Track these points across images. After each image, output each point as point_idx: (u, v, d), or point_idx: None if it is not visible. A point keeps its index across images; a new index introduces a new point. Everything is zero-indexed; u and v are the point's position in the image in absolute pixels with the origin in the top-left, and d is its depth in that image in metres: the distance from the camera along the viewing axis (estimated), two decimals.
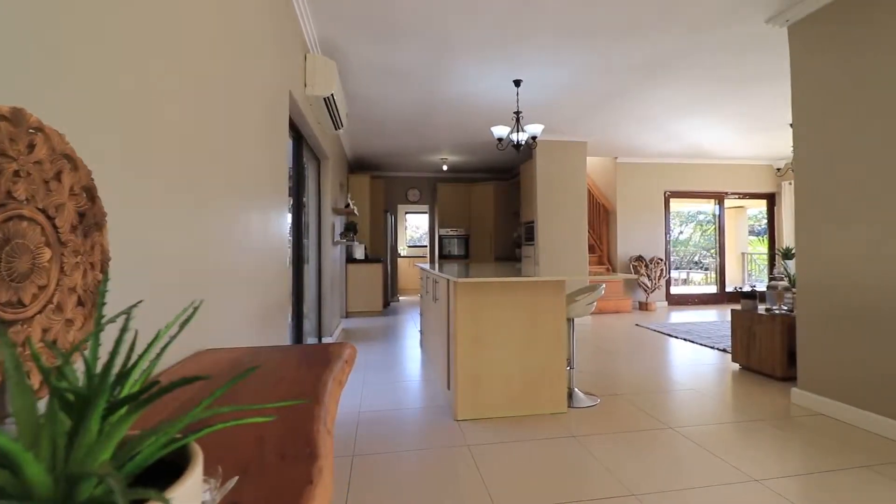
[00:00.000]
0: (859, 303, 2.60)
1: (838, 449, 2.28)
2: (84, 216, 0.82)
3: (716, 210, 8.35)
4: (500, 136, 4.21)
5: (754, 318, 3.59)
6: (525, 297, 2.77)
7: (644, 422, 2.65)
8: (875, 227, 2.53)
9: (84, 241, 0.83)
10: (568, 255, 6.13)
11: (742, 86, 4.39)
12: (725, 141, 6.70)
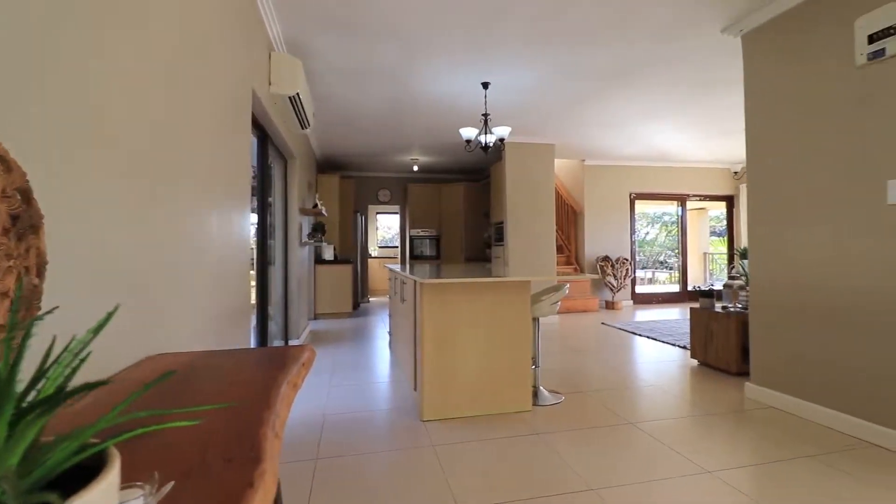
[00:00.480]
0: (806, 301, 2.74)
1: (787, 440, 2.40)
2: (18, 218, 0.79)
3: (678, 211, 8.63)
4: (468, 138, 4.24)
5: (711, 316, 3.74)
6: (491, 297, 2.80)
7: (606, 418, 2.72)
8: (820, 228, 2.67)
9: (18, 244, 0.80)
10: (536, 256, 6.23)
11: (701, 92, 4.56)
12: (687, 145, 6.94)
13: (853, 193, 2.50)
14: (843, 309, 2.54)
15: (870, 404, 2.39)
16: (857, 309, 2.47)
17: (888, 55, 2.35)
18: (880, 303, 2.36)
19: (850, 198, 2.51)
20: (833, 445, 2.33)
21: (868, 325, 2.41)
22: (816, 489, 1.91)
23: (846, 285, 2.52)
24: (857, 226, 2.48)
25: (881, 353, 2.34)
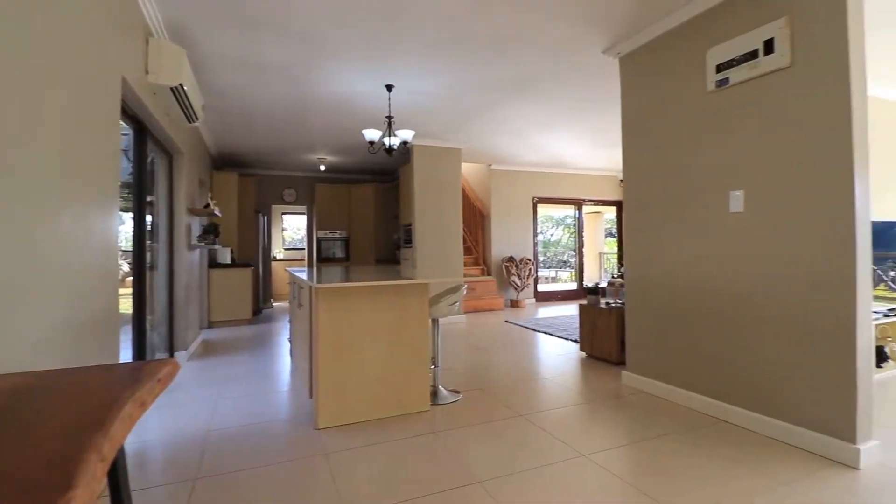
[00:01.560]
0: (668, 297, 3.10)
1: (653, 421, 2.69)
2: None
3: (576, 215, 9.30)
4: (371, 140, 4.20)
5: (596, 312, 4.08)
6: (388, 299, 2.80)
7: (499, 412, 2.85)
8: (679, 233, 3.04)
9: None
10: (444, 257, 6.35)
11: (589, 106, 4.95)
12: (582, 154, 7.50)
13: (705, 202, 2.87)
14: (697, 303, 2.90)
15: (719, 386, 2.76)
16: (707, 303, 2.84)
17: (731, 83, 2.73)
18: (725, 298, 2.73)
19: (702, 206, 2.88)
20: (692, 423, 2.65)
21: (716, 317, 2.78)
22: (673, 463, 2.17)
23: (699, 283, 2.89)
24: (707, 230, 2.85)
25: (726, 342, 2.72)
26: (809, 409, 2.30)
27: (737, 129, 2.69)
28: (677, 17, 3.01)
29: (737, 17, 2.68)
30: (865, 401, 2.16)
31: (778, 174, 2.47)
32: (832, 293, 2.22)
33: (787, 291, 2.41)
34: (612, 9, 2.97)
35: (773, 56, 2.50)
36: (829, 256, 2.24)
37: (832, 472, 2.07)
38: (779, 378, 2.44)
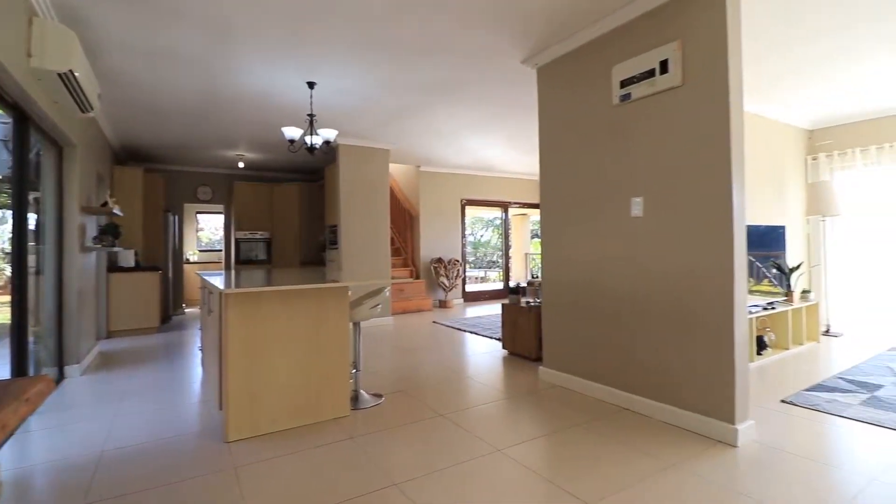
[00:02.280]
0: (578, 295, 3.30)
1: (564, 413, 2.85)
2: None
3: (503, 216, 9.61)
4: (291, 138, 4.06)
5: (517, 311, 4.24)
6: (306, 304, 2.72)
7: (420, 413, 2.87)
8: (587, 236, 3.24)
9: None
10: (371, 259, 6.28)
11: (509, 113, 5.13)
12: (508, 158, 7.76)
13: (611, 207, 3.09)
14: (603, 301, 3.12)
15: (623, 377, 2.98)
16: (612, 301, 3.06)
17: (633, 98, 2.96)
18: (628, 296, 2.96)
19: (609, 210, 3.10)
20: (598, 413, 2.84)
21: (620, 313, 3.00)
22: (578, 452, 2.31)
23: (605, 282, 3.11)
24: (613, 233, 3.07)
25: (628, 336, 2.95)
26: (697, 395, 2.56)
27: (638, 140, 2.92)
28: (587, 35, 3.21)
29: (637, 38, 2.91)
30: (742, 386, 2.44)
31: (671, 182, 2.72)
32: (714, 290, 2.49)
33: (679, 289, 2.66)
34: (528, 23, 3.11)
35: (667, 75, 2.75)
36: (712, 257, 2.50)
37: (715, 450, 2.32)
38: (672, 368, 2.69)
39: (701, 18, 2.56)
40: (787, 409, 2.91)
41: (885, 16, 3.07)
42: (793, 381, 3.45)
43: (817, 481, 2.02)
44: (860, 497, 1.89)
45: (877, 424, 2.64)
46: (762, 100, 4.90)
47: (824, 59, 3.77)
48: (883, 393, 3.16)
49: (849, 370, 3.73)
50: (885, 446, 2.36)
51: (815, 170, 5.82)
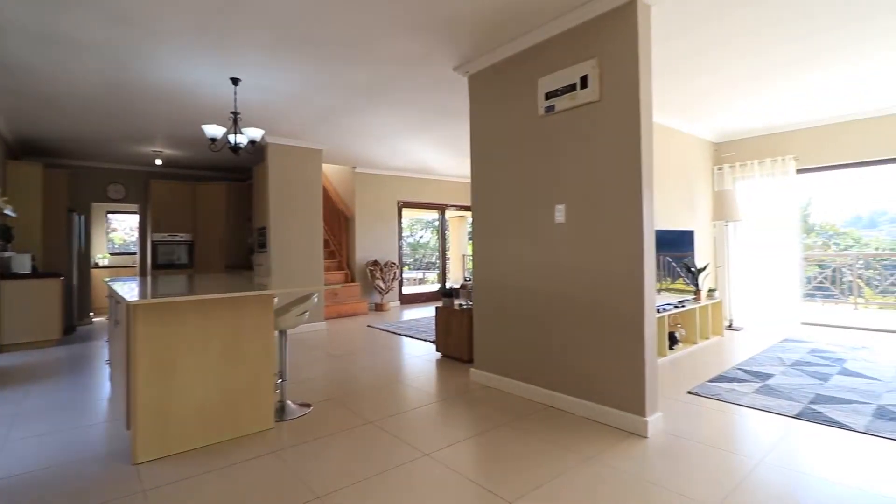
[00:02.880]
0: (506, 298, 3.40)
1: (493, 414, 2.93)
2: None
3: (439, 219, 9.68)
4: (212, 136, 3.85)
5: (451, 313, 4.30)
6: (225, 313, 2.58)
7: (349, 421, 2.83)
8: (515, 241, 3.35)
9: None
10: (303, 263, 6.09)
11: (447, 117, 5.19)
12: (444, 162, 7.83)
13: (537, 213, 3.21)
14: (530, 303, 3.24)
15: (548, 376, 3.11)
16: (538, 303, 3.18)
17: (557, 110, 3.09)
18: (552, 298, 3.09)
19: (535, 217, 3.22)
20: (525, 412, 2.94)
21: (544, 315, 3.13)
22: (504, 451, 2.38)
23: (532, 285, 3.23)
24: (538, 238, 3.19)
25: (553, 336, 3.08)
26: (612, 391, 2.73)
27: (561, 150, 3.06)
28: (513, 47, 3.32)
29: (560, 54, 3.06)
30: (652, 380, 2.63)
31: (591, 191, 2.88)
32: (627, 291, 2.66)
33: (597, 291, 2.82)
34: (455, 33, 3.16)
35: (587, 90, 2.91)
36: (625, 260, 2.68)
37: (628, 442, 2.48)
38: (590, 365, 2.84)
39: (615, 40, 2.73)
40: (692, 399, 3.17)
41: (774, 48, 3.45)
42: (699, 373, 3.76)
43: (715, 465, 2.22)
44: (749, 478, 2.10)
45: (766, 410, 2.95)
46: (676, 115, 5.32)
47: (725, 82, 4.16)
48: (773, 381, 3.53)
49: (746, 361, 4.13)
50: (772, 430, 2.64)
51: (720, 179, 6.41)
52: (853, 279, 8.97)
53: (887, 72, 4.03)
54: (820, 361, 4.06)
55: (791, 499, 1.93)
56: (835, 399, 3.10)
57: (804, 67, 3.89)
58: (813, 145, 5.70)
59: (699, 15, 3.00)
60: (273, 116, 4.98)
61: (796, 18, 3.06)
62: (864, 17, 3.05)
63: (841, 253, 10.81)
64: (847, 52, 3.59)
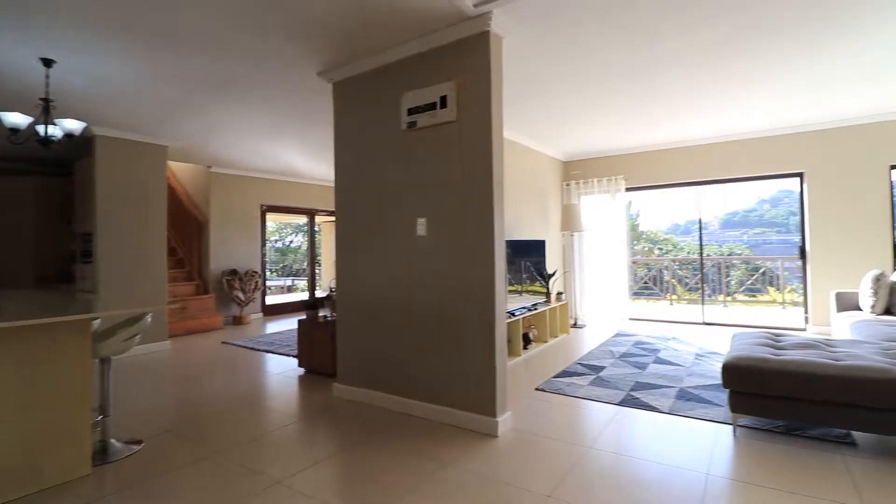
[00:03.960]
0: (368, 309, 3.39)
1: (354, 429, 2.88)
2: None
3: (309, 224, 9.28)
4: (14, 126, 3.17)
5: (315, 325, 4.13)
6: (22, 344, 2.14)
7: (188, 455, 2.54)
8: (377, 252, 3.36)
9: None
10: (141, 275, 5.32)
11: (313, 122, 4.99)
12: (315, 165, 7.51)
13: (400, 226, 3.25)
14: (389, 313, 3.27)
15: (407, 385, 3.16)
16: (399, 314, 3.22)
17: (419, 126, 3.18)
18: (413, 308, 3.16)
19: (398, 229, 3.26)
20: (386, 424, 2.95)
21: (406, 325, 3.18)
22: (363, 466, 2.36)
23: (394, 296, 3.26)
24: (401, 251, 3.24)
25: (415, 346, 3.14)
26: (468, 395, 2.88)
27: (423, 165, 3.15)
28: (380, 60, 3.33)
29: (423, 72, 3.15)
30: (501, 382, 2.83)
31: (448, 205, 3.01)
32: (480, 300, 2.84)
33: (455, 300, 2.96)
34: (318, 39, 3.06)
35: (446, 110, 3.04)
36: (479, 271, 2.85)
37: (482, 443, 2.64)
38: (449, 372, 2.97)
39: (471, 66, 2.91)
40: (539, 395, 3.50)
41: (596, 87, 4.00)
42: (547, 370, 4.17)
43: (553, 455, 2.48)
44: (579, 463, 2.38)
45: (597, 400, 3.38)
46: (532, 136, 5.86)
47: (571, 112, 4.71)
48: (604, 373, 4.07)
49: (585, 356, 4.70)
50: (601, 417, 3.04)
51: (568, 194, 7.21)
52: (669, 279, 10.80)
53: (694, 112, 4.97)
54: (641, 352, 4.80)
55: (611, 475, 2.24)
56: (649, 385, 3.69)
57: (629, 103, 4.59)
58: (638, 168, 6.75)
59: (550, 53, 3.36)
60: (104, 106, 4.28)
61: (635, 63, 3.59)
62: (669, 67, 3.71)
63: (660, 258, 12.96)
64: (664, 95, 4.33)
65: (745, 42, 3.27)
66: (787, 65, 3.72)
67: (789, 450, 2.49)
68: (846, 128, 5.43)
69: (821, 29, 3.10)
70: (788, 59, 3.60)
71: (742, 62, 3.64)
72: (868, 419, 2.38)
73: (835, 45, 3.37)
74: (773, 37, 3.21)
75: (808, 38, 3.25)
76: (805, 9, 2.83)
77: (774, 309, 8.82)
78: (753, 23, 2.99)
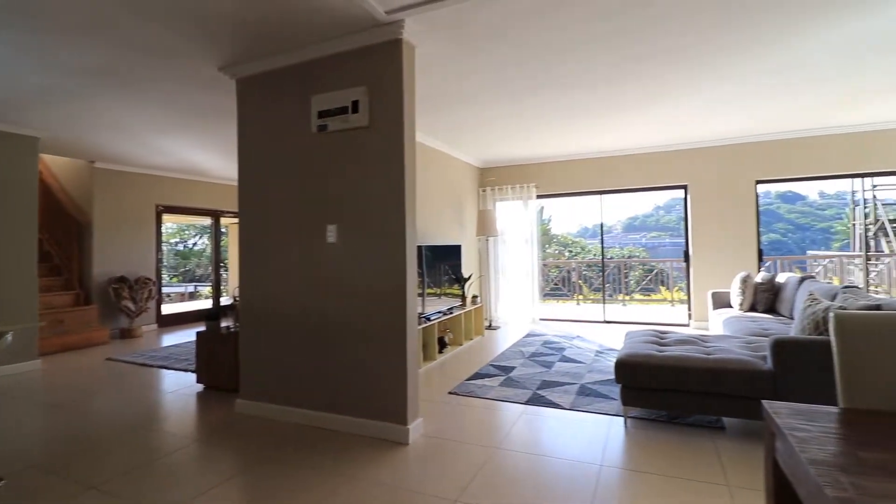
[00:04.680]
0: (274, 319, 3.23)
1: (257, 448, 2.72)
2: None
3: (213, 227, 8.64)
4: None
5: (215, 337, 3.85)
6: None
7: (58, 493, 2.24)
8: (287, 258, 3.21)
9: None
10: (4, 285, 4.61)
11: (216, 118, 4.65)
12: (221, 164, 7.00)
13: (310, 232, 3.14)
14: (298, 324, 3.14)
15: (318, 397, 3.05)
16: (311, 323, 3.11)
17: (330, 130, 3.09)
18: (326, 317, 3.06)
19: (308, 235, 3.14)
20: (296, 439, 2.82)
21: (318, 335, 3.08)
22: (271, 485, 2.24)
23: (305, 305, 3.14)
24: (312, 258, 3.13)
25: (328, 357, 3.05)
26: (379, 404, 2.85)
27: (334, 170, 3.07)
28: (289, 59, 3.19)
29: (334, 75, 3.07)
30: (413, 389, 2.84)
31: (361, 212, 2.97)
32: (391, 307, 2.83)
33: (366, 308, 2.92)
34: (216, 31, 2.87)
35: (358, 115, 2.99)
36: (390, 278, 2.84)
37: (392, 452, 2.62)
38: (360, 382, 2.92)
39: (384, 72, 2.90)
40: (452, 399, 3.56)
41: (507, 100, 4.18)
42: (461, 373, 4.26)
43: (462, 458, 2.53)
44: (486, 464, 2.46)
45: (506, 400, 3.51)
46: (450, 142, 5.96)
47: (486, 120, 4.86)
48: (514, 373, 4.24)
49: (497, 357, 4.87)
50: (509, 418, 3.16)
51: (483, 199, 7.43)
52: (576, 280, 11.55)
53: (595, 129, 5.35)
54: (549, 352, 5.07)
55: (515, 473, 2.34)
56: (554, 383, 3.90)
57: (535, 117, 4.84)
58: (548, 176, 7.14)
59: (463, 64, 3.44)
60: None
61: (538, 80, 3.77)
62: (580, 87, 3.97)
63: (569, 260, 13.83)
64: (568, 113, 4.62)
65: (634, 68, 3.59)
66: (672, 93, 4.17)
67: (671, 437, 2.77)
68: (722, 146, 6.18)
69: (696, 68, 3.50)
70: (674, 88, 4.03)
71: (635, 88, 4.01)
72: (732, 406, 2.72)
73: (710, 79, 3.84)
74: (660, 69, 3.57)
75: (686, 73, 3.68)
76: (683, 51, 3.17)
77: (665, 307, 9.80)
78: (642, 53, 3.30)
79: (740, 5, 2.72)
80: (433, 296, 5.30)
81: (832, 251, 15.73)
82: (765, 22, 2.93)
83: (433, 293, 5.35)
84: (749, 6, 2.73)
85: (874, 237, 10.51)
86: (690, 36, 3.08)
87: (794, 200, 20.24)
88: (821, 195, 20.00)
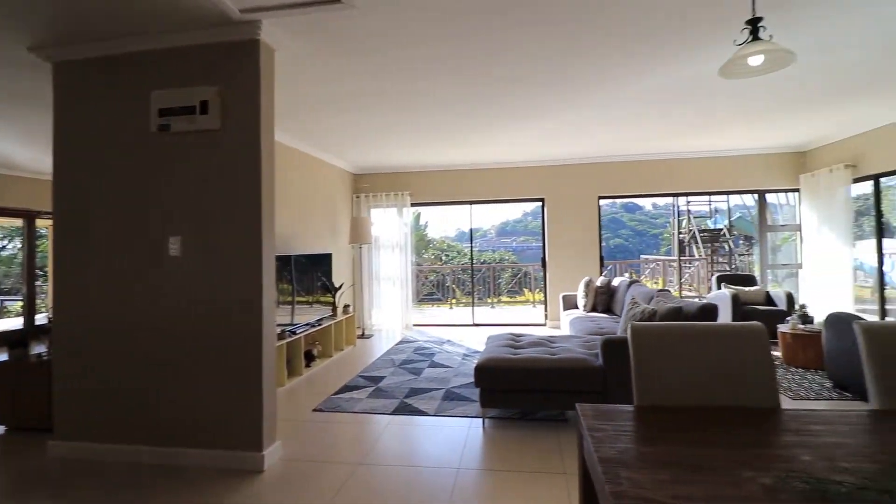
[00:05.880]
0: (108, 342, 2.80)
1: (78, 497, 2.33)
2: None
3: (25, 229, 7.20)
4: None
5: (22, 368, 3.20)
6: None
7: None
8: (120, 272, 2.81)
9: None
10: None
11: (29, 106, 3.91)
12: (36, 156, 5.87)
13: (149, 244, 2.77)
14: (134, 348, 2.76)
15: (159, 431, 2.71)
16: (144, 347, 2.75)
17: (173, 131, 2.77)
18: (162, 340, 2.74)
19: (147, 247, 2.78)
20: (129, 481, 2.47)
21: (159, 360, 2.74)
22: None
23: (137, 326, 2.77)
24: (150, 272, 2.77)
25: (165, 384, 2.72)
26: (231, 433, 2.64)
27: (178, 176, 2.77)
28: (122, 46, 2.80)
29: (178, 71, 2.77)
30: (269, 413, 2.68)
31: (211, 222, 2.72)
32: (245, 325, 2.64)
33: (216, 327, 2.68)
34: (21, 3, 2.40)
35: (207, 116, 2.74)
36: (245, 294, 2.65)
37: (245, 483, 2.44)
38: (209, 410, 2.67)
39: (239, 73, 2.70)
40: (316, 416, 3.44)
41: (374, 109, 4.21)
42: (329, 387, 4.13)
43: (323, 480, 2.46)
44: (348, 483, 2.42)
45: (373, 412, 3.50)
46: (323, 148, 5.77)
47: (356, 128, 4.80)
48: (383, 383, 4.24)
49: (367, 367, 4.83)
50: (375, 431, 3.16)
51: (357, 206, 7.34)
52: (451, 284, 12.00)
53: (460, 144, 5.62)
54: (419, 358, 5.18)
55: (377, 488, 2.34)
56: (422, 390, 4.00)
57: (402, 129, 4.94)
58: (421, 185, 7.31)
59: (331, 70, 3.36)
60: None
61: (402, 94, 3.83)
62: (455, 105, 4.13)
63: (445, 265, 14.33)
64: (431, 126, 4.78)
65: (483, 91, 3.87)
66: (527, 118, 4.58)
67: (522, 434, 3.02)
68: (571, 165, 6.96)
69: (539, 95, 3.90)
70: (529, 114, 4.44)
71: (488, 109, 4.33)
72: (571, 400, 3.06)
73: (559, 109, 4.32)
74: (504, 94, 3.89)
75: (542, 100, 4.08)
76: (537, 83, 3.51)
77: (528, 308, 10.68)
78: (488, 78, 3.57)
79: (561, 56, 3.10)
80: (304, 305, 5.08)
81: (660, 255, 18.68)
82: (582, 72, 3.38)
83: (304, 302, 5.12)
84: (568, 63, 3.13)
85: (688, 244, 12.71)
86: (524, 67, 3.39)
87: (634, 210, 23.51)
88: (654, 206, 23.54)
